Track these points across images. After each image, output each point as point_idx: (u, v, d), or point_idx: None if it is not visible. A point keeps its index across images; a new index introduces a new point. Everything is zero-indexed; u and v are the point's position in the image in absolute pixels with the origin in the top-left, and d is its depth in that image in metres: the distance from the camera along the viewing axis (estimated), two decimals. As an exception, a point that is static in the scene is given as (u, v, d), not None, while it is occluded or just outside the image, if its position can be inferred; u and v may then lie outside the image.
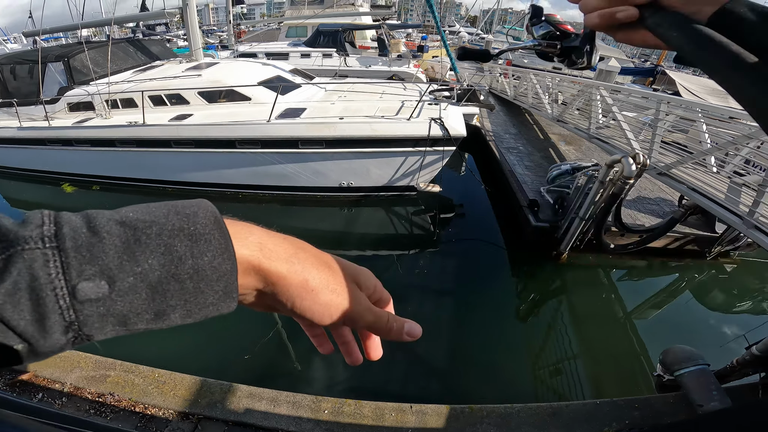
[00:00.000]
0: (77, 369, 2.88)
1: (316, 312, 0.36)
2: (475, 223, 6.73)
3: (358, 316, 0.38)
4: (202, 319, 0.30)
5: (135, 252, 0.26)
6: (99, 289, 0.25)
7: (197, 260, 0.28)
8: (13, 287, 0.23)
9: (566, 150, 8.68)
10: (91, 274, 0.24)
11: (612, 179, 4.59)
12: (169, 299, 0.27)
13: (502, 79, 12.21)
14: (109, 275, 0.25)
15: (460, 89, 6.63)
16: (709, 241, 5.61)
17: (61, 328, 0.24)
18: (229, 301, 0.30)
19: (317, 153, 5.88)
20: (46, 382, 2.76)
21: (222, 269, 0.29)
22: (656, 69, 19.44)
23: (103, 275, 0.25)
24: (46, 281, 0.23)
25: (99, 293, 0.25)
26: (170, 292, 0.27)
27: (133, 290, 0.26)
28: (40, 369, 2.85)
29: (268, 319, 4.23)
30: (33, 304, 0.23)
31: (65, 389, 2.72)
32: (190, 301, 0.28)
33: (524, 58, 21.91)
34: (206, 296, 0.29)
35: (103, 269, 0.25)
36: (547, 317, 4.95)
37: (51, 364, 2.91)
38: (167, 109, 6.43)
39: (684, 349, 3.33)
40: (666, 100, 5.41)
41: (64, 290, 0.24)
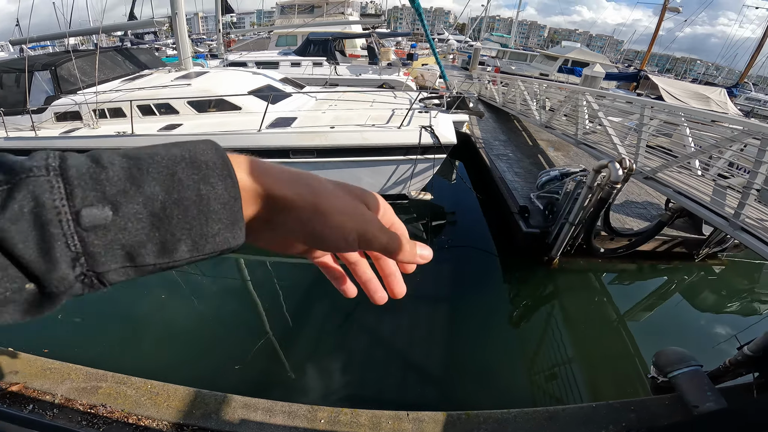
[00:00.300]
0: (68, 380, 2.84)
1: (330, 236, 0.34)
2: (466, 230, 6.77)
3: (372, 235, 0.36)
4: (211, 253, 0.29)
5: (138, 179, 0.26)
6: (103, 215, 0.24)
7: (200, 186, 0.28)
8: (17, 213, 0.23)
9: (555, 156, 8.81)
10: (95, 200, 0.24)
11: (600, 184, 4.67)
12: (173, 228, 0.27)
13: (490, 86, 12.38)
14: (112, 201, 0.25)
15: (449, 97, 6.70)
16: (696, 243, 5.72)
17: (68, 260, 0.24)
18: (236, 230, 0.29)
19: (308, 162, 5.88)
20: (37, 394, 2.73)
21: (225, 196, 0.28)
22: (639, 74, 19.93)
23: (107, 201, 0.25)
24: (50, 206, 0.23)
25: (103, 219, 0.24)
26: (174, 219, 0.27)
27: (137, 217, 0.25)
28: (30, 380, 2.81)
29: (260, 328, 4.18)
30: (38, 230, 0.23)
31: (56, 401, 2.69)
32: (195, 230, 0.27)
33: (512, 65, 22.28)
34: (211, 225, 0.28)
35: (107, 195, 0.25)
36: (541, 322, 4.97)
37: (41, 375, 2.87)
38: (156, 118, 6.37)
39: (676, 350, 3.38)
40: (650, 104, 5.54)
41: (68, 216, 0.24)
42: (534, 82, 9.84)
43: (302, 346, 4.11)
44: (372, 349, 4.22)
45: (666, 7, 23.60)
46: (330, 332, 4.38)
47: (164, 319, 4.50)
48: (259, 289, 4.93)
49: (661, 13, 24.06)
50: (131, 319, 4.41)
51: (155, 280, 5.14)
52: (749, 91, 24.35)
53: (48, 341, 3.76)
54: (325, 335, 4.32)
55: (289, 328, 4.30)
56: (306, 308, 4.65)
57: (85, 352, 3.70)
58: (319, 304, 4.79)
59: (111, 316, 4.44)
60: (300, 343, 4.14)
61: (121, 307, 4.58)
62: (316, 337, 4.27)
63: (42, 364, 2.98)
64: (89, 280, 0.25)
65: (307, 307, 4.69)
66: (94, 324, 4.33)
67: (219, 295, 4.96)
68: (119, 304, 4.65)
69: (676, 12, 25.08)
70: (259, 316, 4.46)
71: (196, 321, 4.46)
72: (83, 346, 3.91)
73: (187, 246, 0.28)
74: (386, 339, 4.33)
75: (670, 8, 23.87)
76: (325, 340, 4.25)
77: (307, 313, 4.57)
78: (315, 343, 4.20)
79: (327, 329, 4.41)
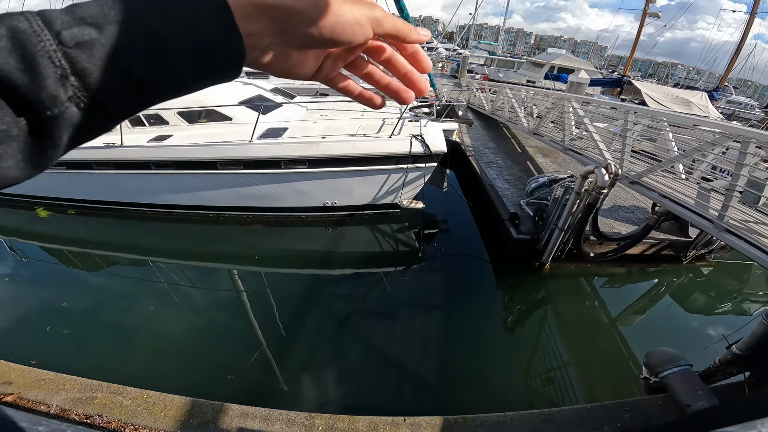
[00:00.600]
0: (63, 391, 2.84)
1: (343, 26, 0.32)
2: (459, 237, 6.82)
3: (381, 15, 0.35)
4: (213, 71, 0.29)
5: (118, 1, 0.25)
6: (86, 33, 0.24)
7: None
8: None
9: (543, 162, 8.95)
10: (75, 23, 0.24)
11: (587, 190, 4.75)
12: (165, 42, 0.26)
13: (479, 94, 12.54)
14: (94, 23, 0.24)
15: (439, 105, 6.79)
16: (683, 246, 5.84)
17: (56, 76, 0.23)
18: (231, 36, 0.28)
19: (300, 173, 5.89)
20: (32, 404, 2.72)
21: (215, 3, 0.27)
22: (623, 79, 20.40)
23: (87, 23, 0.24)
24: (29, 31, 0.23)
25: (87, 36, 0.24)
26: (164, 31, 0.26)
27: (124, 33, 0.24)
28: (24, 391, 2.80)
29: (255, 339, 4.15)
30: (17, 50, 0.22)
31: (51, 411, 2.68)
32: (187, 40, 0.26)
33: (500, 73, 22.63)
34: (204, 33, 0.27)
35: (87, 19, 0.24)
36: (534, 326, 5.02)
37: (35, 386, 2.86)
38: (146, 129, 6.33)
39: (666, 351, 3.44)
40: (633, 110, 5.67)
41: (48, 36, 0.23)
42: (521, 90, 10.01)
43: (297, 356, 4.10)
44: (367, 357, 4.22)
45: (646, 13, 24.27)
46: (325, 341, 4.36)
47: (157, 330, 4.45)
48: (253, 300, 4.90)
49: (641, 19, 24.73)
50: (123, 331, 4.35)
51: (147, 290, 5.10)
52: (730, 94, 25.06)
53: (39, 353, 3.69)
54: (320, 344, 4.31)
55: (283, 337, 4.28)
56: (300, 318, 4.64)
57: (77, 363, 3.64)
58: (312, 314, 4.77)
59: (103, 328, 4.38)
60: (295, 353, 4.13)
61: (112, 319, 4.53)
62: (311, 346, 4.26)
63: (36, 375, 2.97)
64: (85, 103, 0.24)
65: (301, 316, 4.67)
66: (86, 335, 4.26)
67: (212, 306, 4.91)
68: (111, 315, 4.59)
69: (656, 17, 25.83)
70: (253, 327, 4.44)
71: (189, 332, 4.41)
72: (75, 357, 3.86)
73: (185, 60, 0.27)
74: (381, 346, 4.33)
75: (650, 13, 24.56)
76: (320, 349, 4.24)
77: (301, 323, 4.55)
78: (310, 352, 4.19)
79: (321, 338, 4.40)
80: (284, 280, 5.61)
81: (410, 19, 8.20)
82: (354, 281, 5.58)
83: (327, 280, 5.57)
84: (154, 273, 5.57)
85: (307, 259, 6.10)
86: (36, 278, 5.56)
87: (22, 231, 6.76)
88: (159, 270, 5.62)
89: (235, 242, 6.40)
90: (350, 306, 5.07)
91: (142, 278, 5.54)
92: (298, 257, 6.21)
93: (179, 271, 5.61)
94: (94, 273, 5.71)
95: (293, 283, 5.54)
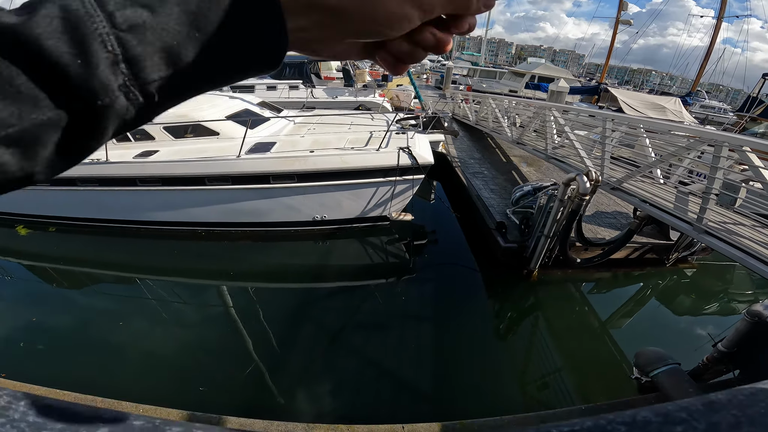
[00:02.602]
0: None
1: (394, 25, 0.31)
2: (448, 248, 6.89)
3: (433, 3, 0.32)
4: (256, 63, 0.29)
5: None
6: (139, 15, 0.23)
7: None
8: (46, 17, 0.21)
9: (528, 171, 9.14)
10: (129, 4, 0.23)
11: (570, 197, 4.88)
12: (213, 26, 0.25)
13: (463, 105, 12.77)
14: (147, 4, 0.23)
15: (425, 117, 6.91)
16: (666, 249, 6.02)
17: (108, 62, 0.22)
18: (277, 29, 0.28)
19: (289, 187, 5.90)
20: None
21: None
22: (600, 87, 21.01)
23: (140, 5, 0.23)
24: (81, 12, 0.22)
25: (140, 19, 0.23)
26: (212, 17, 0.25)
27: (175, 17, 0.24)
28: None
29: (248, 354, 4.11)
30: (69, 31, 0.21)
31: None
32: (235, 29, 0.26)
33: (483, 83, 23.11)
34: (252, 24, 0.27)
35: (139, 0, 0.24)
36: (526, 333, 5.09)
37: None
38: (131, 145, 6.24)
39: (654, 350, 3.54)
40: (611, 117, 5.86)
41: (102, 18, 0.22)
42: (504, 100, 10.26)
43: (292, 369, 4.07)
44: (362, 368, 4.21)
45: (619, 20, 25.17)
46: (318, 354, 4.34)
47: (144, 347, 4.36)
48: (244, 315, 4.85)
49: (614, 26, 25.61)
50: (111, 349, 4.25)
51: (135, 307, 5.00)
52: (703, 99, 26.00)
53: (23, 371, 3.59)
54: (314, 357, 4.29)
55: (277, 352, 4.25)
56: (292, 332, 4.61)
57: (64, 381, 3.54)
58: (305, 328, 4.75)
59: (89, 346, 4.30)
60: (289, 366, 4.09)
61: (100, 337, 4.44)
62: (305, 359, 4.23)
63: (27, 390, 2.92)
64: (134, 94, 0.23)
65: (294, 330, 4.64)
66: (72, 354, 4.17)
67: (202, 323, 4.84)
68: (97, 333, 4.50)
69: (628, 24, 26.81)
70: (246, 343, 4.39)
71: (179, 349, 4.34)
72: (62, 375, 3.76)
73: (229, 47, 0.27)
74: (375, 357, 4.32)
75: (623, 21, 25.49)
76: (315, 362, 4.21)
77: (294, 337, 4.52)
78: (304, 365, 4.16)
79: (315, 351, 4.38)
80: (275, 295, 5.57)
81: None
82: (345, 294, 5.57)
83: (318, 294, 5.55)
84: (141, 290, 5.47)
85: (298, 274, 6.08)
86: (17, 296, 5.42)
87: (1, 249, 6.59)
88: (146, 287, 5.53)
89: (224, 258, 6.35)
90: (342, 318, 5.06)
91: (128, 296, 5.44)
92: (288, 272, 6.18)
93: (167, 288, 5.52)
94: (79, 291, 5.59)
95: (284, 297, 5.50)
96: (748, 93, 19.65)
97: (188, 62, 0.25)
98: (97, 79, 0.22)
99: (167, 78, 0.24)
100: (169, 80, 0.24)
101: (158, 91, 0.24)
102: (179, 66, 0.25)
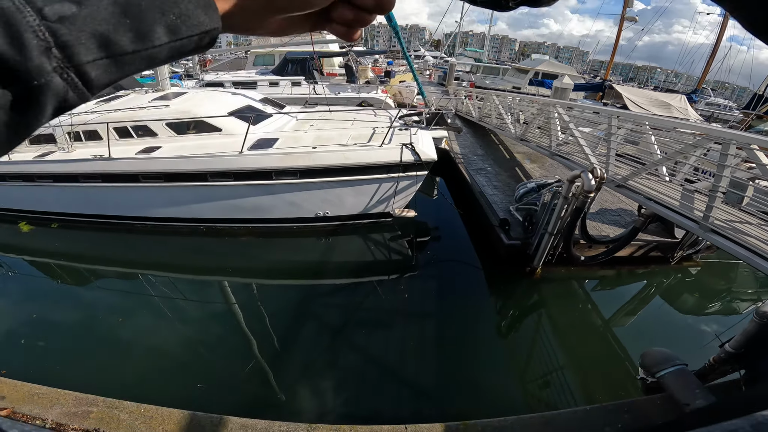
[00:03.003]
0: (57, 405, 2.81)
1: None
2: (450, 244, 6.86)
3: None
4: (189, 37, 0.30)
5: None
6: (67, 8, 0.26)
7: None
8: None
9: (531, 168, 9.08)
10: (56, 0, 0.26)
11: (574, 194, 4.83)
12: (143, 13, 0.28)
13: (467, 102, 12.69)
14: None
15: (428, 113, 6.86)
16: (671, 247, 5.96)
17: (40, 49, 0.25)
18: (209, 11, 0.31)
19: (291, 184, 5.88)
20: (27, 418, 2.69)
21: None
22: (604, 84, 20.83)
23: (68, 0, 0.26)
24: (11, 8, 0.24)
25: (69, 11, 0.26)
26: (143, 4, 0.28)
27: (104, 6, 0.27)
28: (18, 405, 2.77)
29: (250, 351, 4.10)
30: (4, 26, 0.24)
31: (47, 425, 2.66)
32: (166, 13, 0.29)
33: (486, 80, 22.97)
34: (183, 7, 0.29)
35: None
36: (529, 331, 5.06)
37: (29, 400, 2.82)
38: (134, 141, 6.24)
39: (661, 351, 3.49)
40: (616, 114, 5.79)
41: (31, 12, 0.25)
42: (508, 96, 10.17)
43: (294, 367, 4.06)
44: (364, 366, 4.20)
45: (624, 17, 24.90)
46: (321, 351, 4.34)
47: (147, 343, 4.37)
48: (246, 312, 4.85)
49: (619, 23, 25.33)
50: (113, 344, 4.27)
51: (137, 303, 5.01)
52: (708, 96, 25.77)
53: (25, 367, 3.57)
54: (316, 354, 4.28)
55: (278, 349, 4.24)
56: (295, 329, 4.60)
57: (65, 377, 3.55)
58: (307, 324, 4.74)
59: (92, 342, 4.31)
60: (291, 364, 4.09)
61: (102, 332, 4.44)
62: (307, 356, 4.23)
63: (29, 390, 2.92)
64: (68, 75, 0.26)
65: (296, 327, 4.64)
66: (74, 350, 4.20)
67: (204, 319, 4.85)
68: (100, 329, 4.50)
69: (633, 21, 26.48)
70: (248, 339, 4.39)
71: (181, 345, 4.34)
72: (64, 372, 3.79)
73: (162, 30, 0.29)
74: (378, 355, 4.32)
75: (628, 18, 25.18)
76: (317, 360, 4.21)
77: (296, 334, 4.51)
78: (307, 362, 4.15)
79: (317, 348, 4.37)
80: (277, 292, 5.57)
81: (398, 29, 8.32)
82: (347, 291, 5.56)
83: (320, 291, 5.55)
84: (144, 286, 5.48)
85: (300, 270, 6.07)
86: (18, 293, 5.43)
87: (2, 246, 6.61)
88: (149, 283, 5.53)
89: (227, 254, 6.34)
90: (345, 315, 5.05)
91: (131, 291, 5.45)
92: (290, 268, 6.17)
93: (170, 284, 5.53)
94: (81, 287, 5.61)
95: (287, 294, 5.50)
96: (754, 90, 19.46)
97: (122, 45, 0.27)
98: (32, 62, 0.24)
99: (103, 59, 0.27)
100: (105, 61, 0.27)
101: (95, 70, 0.27)
102: (113, 49, 0.27)
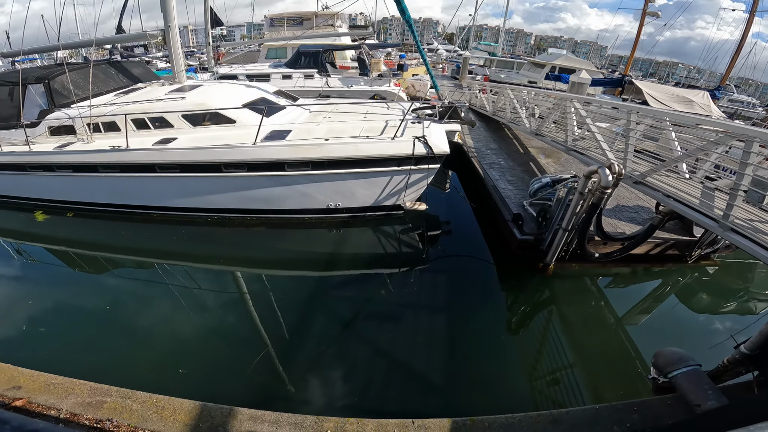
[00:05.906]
0: (72, 395, 2.86)
1: None
2: (462, 239, 6.82)
3: None
4: None
5: None
6: None
7: None
8: None
9: (546, 163, 8.94)
10: None
11: (591, 190, 4.74)
12: None
13: (480, 95, 12.54)
14: None
15: (441, 107, 6.80)
16: (688, 245, 5.82)
17: None
18: None
19: (304, 175, 5.91)
20: (41, 409, 2.75)
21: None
22: (624, 79, 20.32)
23: None
24: None
25: None
26: None
27: None
28: (33, 395, 2.83)
29: (261, 342, 4.16)
30: None
31: (61, 415, 2.71)
32: None
33: (500, 74, 22.63)
34: None
35: None
36: (540, 327, 5.01)
37: (44, 390, 2.89)
38: (151, 132, 6.36)
39: (674, 351, 3.42)
40: (635, 110, 5.65)
41: None
42: (523, 90, 10.02)
43: (304, 358, 4.10)
44: (373, 359, 4.22)
45: (645, 12, 24.19)
46: (330, 343, 4.37)
47: (161, 332, 4.47)
48: (257, 302, 4.91)
49: (641, 18, 24.62)
50: (128, 333, 4.37)
51: (151, 292, 5.11)
52: (731, 93, 24.95)
53: (43, 356, 3.71)
54: (326, 346, 4.32)
55: (288, 340, 4.29)
56: (305, 320, 4.64)
57: (81, 366, 3.63)
58: (317, 316, 4.78)
59: (107, 331, 4.39)
60: (301, 355, 4.13)
61: (116, 322, 4.54)
62: (316, 348, 4.26)
63: (45, 380, 3.00)
64: None
65: (306, 318, 4.68)
66: (89, 339, 4.30)
67: (216, 309, 4.92)
68: (115, 318, 4.59)
69: (655, 16, 25.72)
70: (258, 329, 4.45)
71: (194, 334, 4.42)
72: (79, 361, 3.88)
73: None
74: (387, 348, 4.33)
75: (650, 13, 24.47)
76: (326, 351, 4.24)
77: (307, 325, 4.56)
78: (316, 354, 4.19)
79: (327, 340, 4.41)
80: (288, 282, 5.62)
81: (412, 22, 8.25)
82: (358, 283, 5.58)
83: (331, 282, 5.58)
84: (158, 275, 5.59)
85: (311, 261, 6.12)
86: (34, 281, 5.59)
87: (17, 234, 6.81)
88: (163, 272, 5.64)
89: (239, 244, 6.42)
90: (355, 308, 5.07)
91: (145, 281, 5.56)
92: (302, 259, 6.22)
93: (184, 274, 5.63)
94: (98, 276, 5.73)
95: (297, 285, 5.55)
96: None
97: None
98: None
99: None
100: None
101: None
102: None
